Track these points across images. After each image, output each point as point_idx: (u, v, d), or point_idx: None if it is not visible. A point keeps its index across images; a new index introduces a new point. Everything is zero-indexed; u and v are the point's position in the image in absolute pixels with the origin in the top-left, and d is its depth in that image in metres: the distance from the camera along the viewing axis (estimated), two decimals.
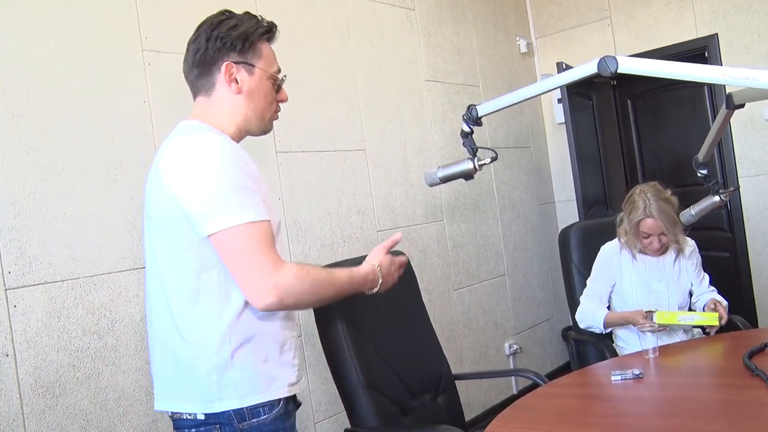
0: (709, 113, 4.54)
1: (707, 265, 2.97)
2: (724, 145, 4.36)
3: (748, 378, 1.85)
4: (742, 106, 2.12)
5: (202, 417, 1.53)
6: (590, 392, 2.08)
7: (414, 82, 3.91)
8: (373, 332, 2.24)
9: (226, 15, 1.66)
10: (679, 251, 2.85)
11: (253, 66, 1.65)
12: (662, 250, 2.82)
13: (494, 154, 2.31)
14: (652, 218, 2.69)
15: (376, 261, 1.75)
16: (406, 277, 2.57)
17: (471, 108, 2.26)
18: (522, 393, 3.81)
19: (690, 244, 2.91)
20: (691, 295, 2.89)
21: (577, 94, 4.62)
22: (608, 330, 2.84)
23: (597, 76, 1.83)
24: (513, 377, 4.35)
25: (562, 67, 4.30)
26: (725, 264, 4.43)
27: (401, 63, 3.83)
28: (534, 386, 2.29)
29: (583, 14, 4.89)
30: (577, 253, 3.34)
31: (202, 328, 1.52)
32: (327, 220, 3.24)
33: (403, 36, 3.87)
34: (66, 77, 2.33)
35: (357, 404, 2.10)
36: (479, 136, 4.19)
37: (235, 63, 1.63)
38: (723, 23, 4.28)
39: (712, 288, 2.89)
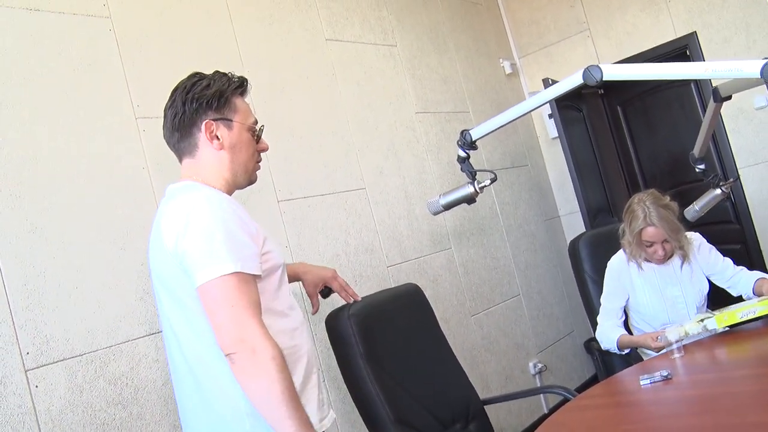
0: (699, 109, 4.56)
1: None
2: (719, 138, 4.37)
3: None
4: (729, 97, 2.14)
5: None
6: (621, 400, 2.06)
7: (405, 115, 3.95)
8: (394, 367, 2.23)
9: (197, 77, 1.72)
10: (685, 257, 2.81)
11: (231, 120, 1.71)
12: (667, 257, 2.79)
13: (493, 175, 2.33)
14: (653, 226, 2.66)
15: None
16: (422, 309, 2.57)
17: (464, 133, 2.29)
18: (553, 411, 3.77)
19: (695, 239, 2.87)
20: (710, 294, 2.83)
21: (567, 107, 4.66)
22: (625, 351, 2.78)
23: (584, 86, 1.85)
24: (542, 395, 4.31)
25: (548, 83, 4.34)
26: (737, 256, 4.36)
27: (390, 99, 3.88)
28: (564, 402, 2.26)
29: (562, 29, 4.95)
30: (588, 263, 3.33)
31: (225, 379, 1.53)
32: (336, 262, 3.24)
33: (388, 72, 3.92)
34: (62, 154, 2.36)
35: None
36: (476, 160, 4.22)
37: (214, 120, 1.68)
38: (699, 21, 4.33)
39: (741, 267, 2.80)
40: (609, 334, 2.78)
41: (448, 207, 2.39)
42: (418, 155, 3.95)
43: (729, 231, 4.50)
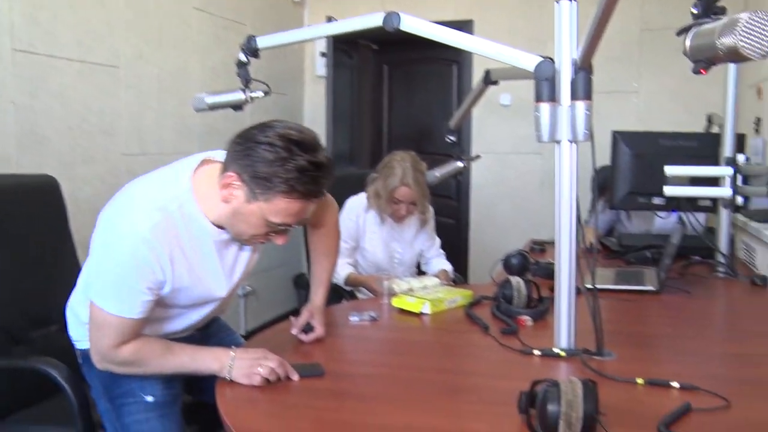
0: (454, 91, 4.93)
1: (437, 230, 3.24)
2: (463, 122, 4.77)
3: (469, 325, 2.08)
4: (496, 82, 2.33)
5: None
6: (329, 331, 2.18)
7: (181, 6, 3.70)
8: None
9: (282, 141, 1.42)
10: (423, 223, 3.06)
11: (256, 201, 1.43)
12: (404, 218, 3.00)
13: (267, 89, 2.29)
14: (408, 187, 2.84)
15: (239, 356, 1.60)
16: (52, 205, 2.37)
17: (251, 39, 2.21)
18: (252, 333, 3.86)
19: (432, 211, 3.15)
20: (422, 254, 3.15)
21: (341, 50, 4.72)
22: (349, 288, 2.95)
23: (363, 36, 1.89)
24: (243, 318, 4.40)
25: (330, 21, 4.35)
26: (450, 230, 4.88)
27: None
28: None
29: None
30: None
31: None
32: (68, 136, 2.97)
33: None
34: None
35: None
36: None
37: (241, 179, 1.42)
38: (479, 10, 4.66)
39: (441, 252, 3.16)
40: (339, 270, 2.88)
41: (213, 107, 2.30)
42: (183, 51, 3.74)
43: (448, 206, 4.96)
